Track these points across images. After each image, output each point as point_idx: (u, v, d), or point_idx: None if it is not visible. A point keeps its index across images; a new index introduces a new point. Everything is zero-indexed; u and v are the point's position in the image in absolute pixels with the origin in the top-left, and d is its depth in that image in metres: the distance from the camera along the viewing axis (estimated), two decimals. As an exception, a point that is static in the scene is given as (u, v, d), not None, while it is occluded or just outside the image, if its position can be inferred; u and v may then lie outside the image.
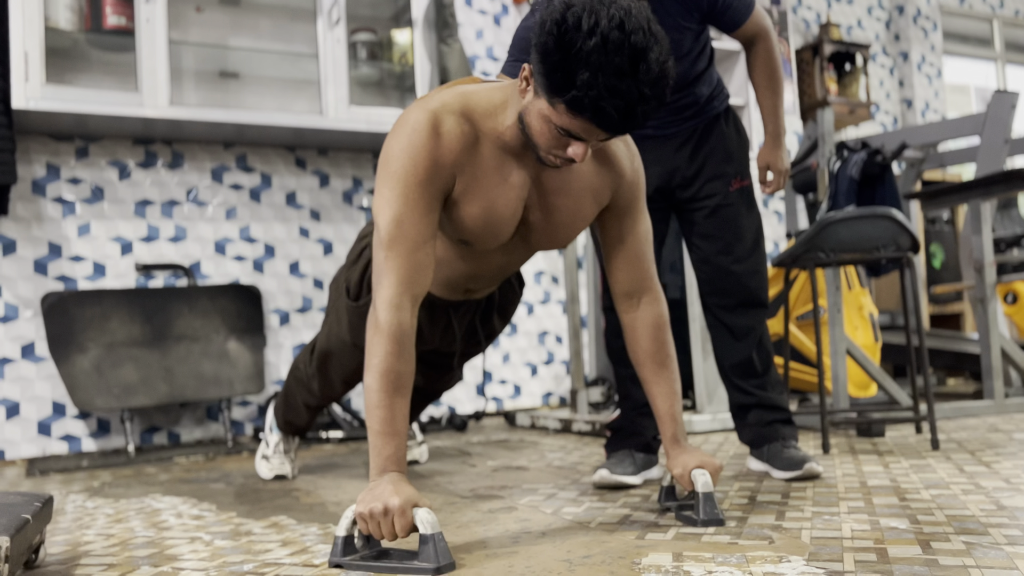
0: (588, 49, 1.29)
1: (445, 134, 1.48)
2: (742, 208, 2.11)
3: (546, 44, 1.34)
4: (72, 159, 3.39)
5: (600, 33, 1.30)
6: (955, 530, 1.43)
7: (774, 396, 2.14)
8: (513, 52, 1.95)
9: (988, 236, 3.24)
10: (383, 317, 1.44)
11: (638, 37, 1.31)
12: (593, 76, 1.30)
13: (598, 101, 1.32)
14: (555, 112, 1.38)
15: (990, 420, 3.00)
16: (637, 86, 1.31)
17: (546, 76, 1.35)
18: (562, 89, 1.34)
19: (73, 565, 1.53)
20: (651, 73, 1.32)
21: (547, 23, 1.35)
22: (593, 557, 1.38)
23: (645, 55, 1.31)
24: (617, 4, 1.34)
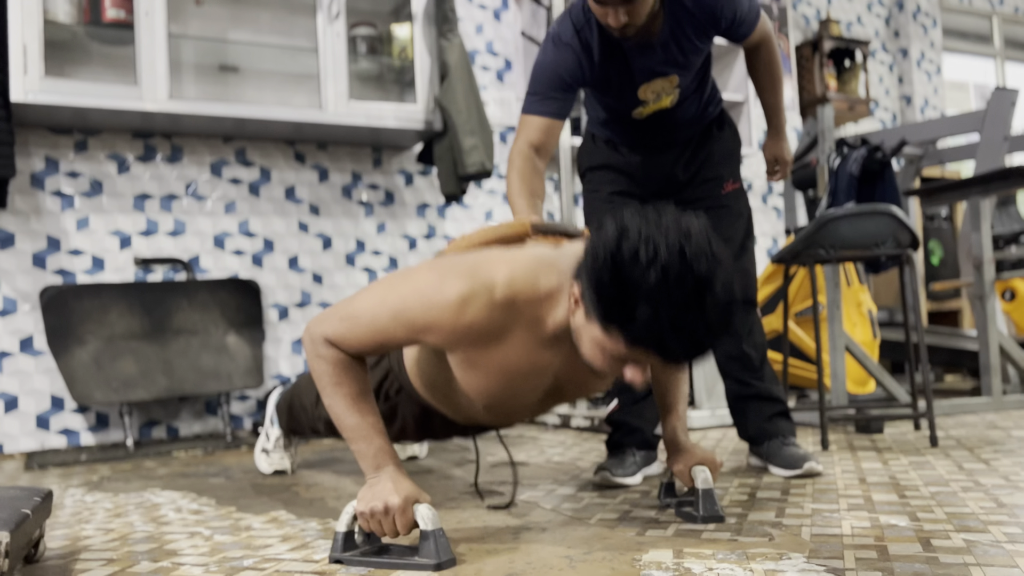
0: (648, 285, 1.17)
1: (468, 317, 1.35)
2: (733, 210, 2.14)
3: (600, 277, 1.21)
4: (71, 152, 3.38)
5: (660, 265, 1.17)
6: (955, 528, 1.43)
7: (770, 387, 2.15)
8: (538, 90, 1.90)
9: (987, 233, 3.24)
10: (321, 351, 1.43)
11: (701, 265, 1.18)
12: (655, 313, 1.18)
13: (661, 338, 1.20)
14: (611, 341, 1.25)
15: (988, 417, 3.00)
16: (704, 318, 1.19)
17: (601, 308, 1.23)
18: (620, 323, 1.22)
19: (72, 560, 1.53)
20: (718, 303, 1.19)
21: (600, 254, 1.22)
22: (593, 554, 1.38)
23: (711, 284, 1.18)
24: (676, 227, 1.21)
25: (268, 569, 1.39)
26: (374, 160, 3.97)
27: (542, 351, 1.42)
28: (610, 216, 1.26)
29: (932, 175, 5.20)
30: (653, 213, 1.24)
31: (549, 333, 1.40)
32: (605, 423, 2.21)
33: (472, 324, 1.35)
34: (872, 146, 2.86)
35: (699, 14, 1.89)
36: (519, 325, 1.39)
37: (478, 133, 3.63)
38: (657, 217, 1.23)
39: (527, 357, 1.42)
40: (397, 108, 3.64)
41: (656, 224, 1.21)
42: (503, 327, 1.38)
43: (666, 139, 2.09)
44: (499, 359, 1.41)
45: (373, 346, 1.43)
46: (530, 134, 1.90)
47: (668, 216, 1.23)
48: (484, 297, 1.35)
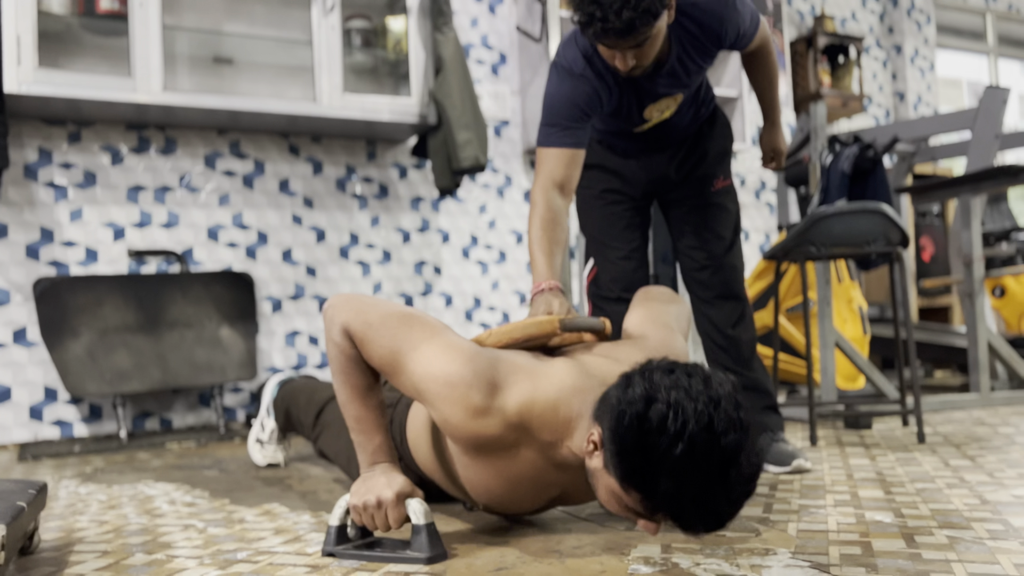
0: (673, 458, 1.14)
1: (480, 427, 1.34)
2: (723, 207, 2.17)
3: (624, 440, 1.18)
4: (64, 143, 3.38)
5: (687, 437, 1.13)
6: (939, 524, 1.46)
7: (759, 377, 2.17)
8: (555, 122, 1.86)
9: (977, 231, 3.27)
10: (338, 339, 1.45)
11: (729, 439, 1.14)
12: (677, 488, 1.15)
13: (682, 513, 1.17)
14: (628, 497, 1.22)
15: (976, 414, 3.03)
16: (726, 492, 1.15)
17: (622, 470, 1.20)
18: (640, 489, 1.19)
19: (67, 552, 1.54)
20: (742, 477, 1.16)
21: (627, 415, 1.19)
22: (583, 548, 1.40)
23: (736, 459, 1.15)
24: (705, 395, 1.17)
25: (261, 562, 1.41)
26: (368, 153, 3.97)
27: (551, 470, 1.41)
28: (639, 372, 1.23)
29: (924, 171, 5.22)
30: (683, 375, 1.20)
31: (561, 458, 1.38)
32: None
33: (481, 434, 1.34)
34: (864, 144, 2.88)
35: (703, 37, 1.89)
36: (531, 445, 1.37)
37: (472, 127, 3.64)
38: (687, 380, 1.18)
39: (534, 473, 1.40)
40: (392, 101, 3.65)
41: (686, 390, 1.17)
42: (515, 443, 1.36)
43: (661, 144, 2.10)
44: (504, 468, 1.39)
45: (381, 371, 1.44)
46: (553, 170, 1.85)
47: (697, 380, 1.19)
48: (499, 416, 1.33)
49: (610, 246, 2.18)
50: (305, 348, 3.77)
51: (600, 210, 2.18)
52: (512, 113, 4.33)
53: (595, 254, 2.20)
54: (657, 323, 1.69)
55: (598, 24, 1.66)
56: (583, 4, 1.66)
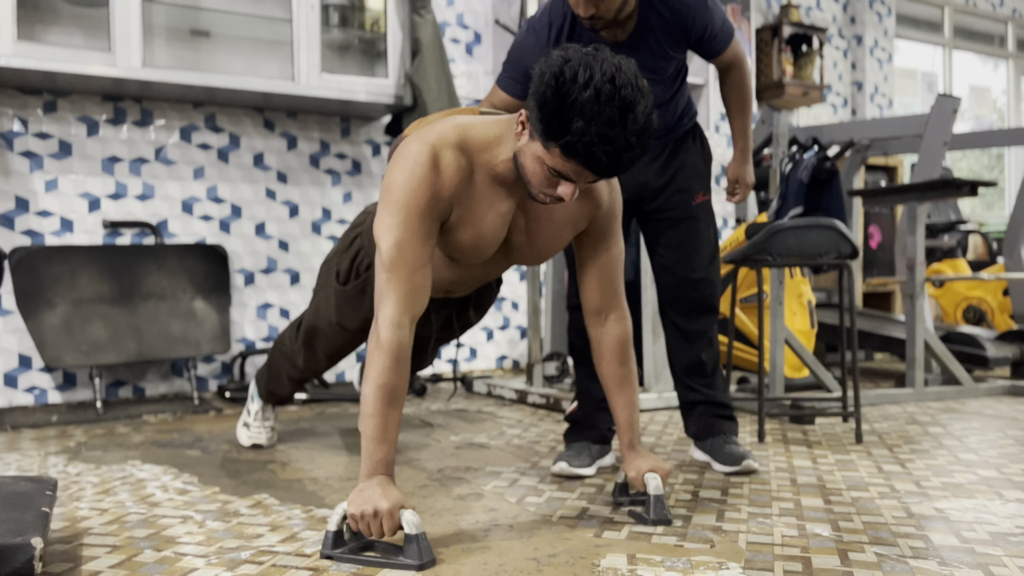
0: (583, 100, 1.44)
1: (444, 168, 1.61)
2: (702, 221, 2.28)
3: (544, 94, 1.48)
4: (40, 112, 3.39)
5: (594, 86, 1.44)
6: (869, 539, 1.65)
7: (719, 395, 2.34)
8: (508, 69, 2.13)
9: (921, 236, 3.48)
10: (384, 335, 1.57)
11: (627, 91, 1.46)
12: (586, 124, 1.44)
13: (590, 147, 1.46)
14: (549, 155, 1.52)
15: (910, 409, 3.27)
16: (625, 135, 1.46)
17: (543, 122, 1.49)
18: (557, 135, 1.48)
19: (77, 545, 1.66)
20: (638, 123, 1.47)
21: (546, 74, 1.49)
22: (558, 556, 1.56)
23: (633, 107, 1.47)
24: (609, 60, 1.49)
25: (265, 563, 1.55)
26: (342, 130, 4.03)
27: (500, 195, 1.69)
28: (557, 48, 1.54)
29: (876, 163, 5.44)
30: (592, 49, 1.51)
31: (502, 175, 1.66)
32: (565, 420, 2.39)
33: (448, 173, 1.61)
34: (822, 155, 3.05)
35: (671, 22, 2.05)
36: (478, 171, 1.65)
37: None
38: (595, 51, 1.51)
39: (488, 203, 1.68)
40: (368, 82, 3.71)
41: (593, 56, 1.49)
42: (469, 172, 1.64)
43: None
44: (472, 207, 1.67)
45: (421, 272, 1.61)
46: (494, 100, 2.18)
47: (604, 52, 1.51)
48: (445, 145, 1.61)
49: None
50: (277, 321, 3.86)
51: None
52: (485, 93, 4.40)
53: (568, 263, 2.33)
54: None
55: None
56: None
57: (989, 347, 4.08)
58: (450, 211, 1.67)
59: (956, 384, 3.63)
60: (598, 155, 1.47)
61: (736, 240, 3.76)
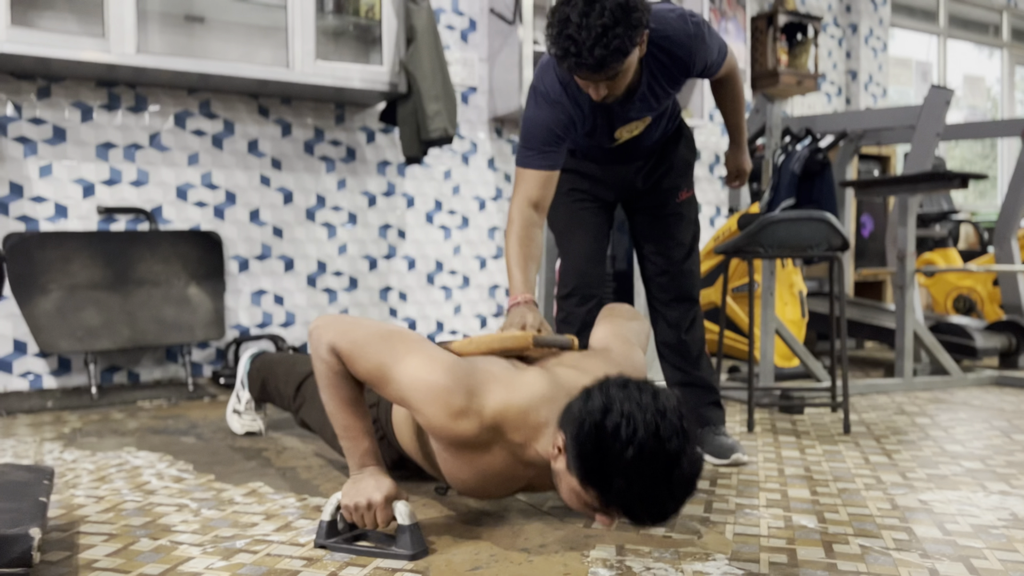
0: (626, 460, 1.32)
1: (459, 428, 1.51)
2: (685, 217, 2.35)
3: (584, 445, 1.37)
4: (34, 98, 3.38)
5: (637, 442, 1.32)
6: (854, 531, 1.68)
7: (705, 376, 2.38)
8: (533, 145, 2.01)
9: (912, 228, 3.50)
10: (326, 356, 1.59)
11: (672, 444, 1.33)
12: (628, 485, 1.33)
13: (631, 506, 1.37)
14: (587, 495, 1.41)
15: (898, 399, 3.31)
16: (670, 491, 1.35)
17: (581, 469, 1.38)
18: (597, 487, 1.38)
19: (74, 533, 1.68)
20: (683, 478, 1.35)
21: (586, 423, 1.36)
22: (548, 546, 1.59)
23: (678, 462, 1.34)
24: (653, 407, 1.35)
25: (260, 552, 1.57)
26: (337, 116, 4.03)
27: (519, 467, 1.59)
28: (598, 387, 1.41)
29: (869, 152, 5.45)
30: (635, 390, 1.38)
31: (528, 458, 1.56)
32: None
33: (460, 435, 1.51)
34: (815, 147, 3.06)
35: (673, 67, 2.02)
36: (503, 445, 1.55)
37: (442, 99, 3.73)
38: (638, 394, 1.37)
39: (504, 468, 1.58)
40: (363, 69, 3.70)
41: (637, 402, 1.35)
42: (488, 442, 1.54)
43: (630, 156, 2.25)
44: (478, 462, 1.57)
45: (369, 383, 1.59)
46: (529, 190, 2.01)
47: (647, 394, 1.37)
48: (476, 419, 1.50)
49: (573, 239, 2.33)
50: (271, 307, 3.88)
51: (566, 206, 2.33)
52: (480, 80, 4.41)
53: (559, 247, 2.36)
54: (620, 337, 1.87)
55: (572, 59, 1.80)
56: (559, 39, 1.79)
57: (978, 337, 4.12)
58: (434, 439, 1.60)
59: (945, 374, 3.67)
60: (639, 514, 1.38)
61: (728, 230, 3.79)
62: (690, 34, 2.00)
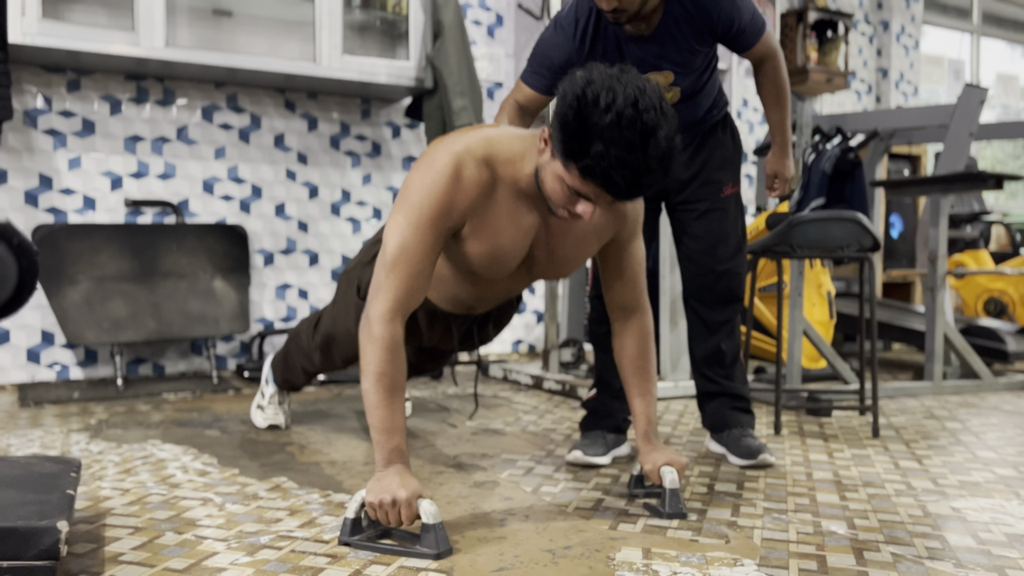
0: (603, 124, 1.42)
1: (465, 179, 1.61)
2: (730, 213, 2.28)
3: (565, 115, 1.47)
4: (64, 91, 3.41)
5: (615, 109, 1.42)
6: (885, 538, 1.65)
7: (738, 386, 2.34)
8: (532, 64, 2.14)
9: (943, 229, 3.44)
10: (377, 329, 1.59)
11: (649, 115, 1.43)
12: (606, 148, 1.43)
13: (608, 171, 1.45)
14: (568, 174, 1.51)
15: (927, 403, 3.26)
16: (645, 159, 1.44)
17: (563, 143, 1.48)
18: (577, 156, 1.47)
19: (100, 526, 1.69)
20: (659, 149, 1.45)
21: (568, 95, 1.48)
22: (573, 548, 1.57)
23: (655, 132, 1.44)
24: (632, 83, 1.46)
25: (284, 548, 1.57)
26: (363, 111, 4.03)
27: (522, 210, 1.68)
28: (581, 68, 1.52)
29: (900, 152, 5.38)
30: (616, 70, 1.49)
31: (525, 190, 1.65)
32: (582, 407, 2.40)
33: (469, 185, 1.61)
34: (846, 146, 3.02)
35: (696, 15, 2.02)
36: (501, 185, 1.65)
37: (468, 94, 3.71)
38: (619, 73, 1.48)
39: (510, 217, 1.68)
40: (389, 64, 3.70)
41: (617, 78, 1.46)
42: (491, 186, 1.64)
43: None
44: (491, 220, 1.66)
45: (420, 277, 1.62)
46: (519, 96, 2.20)
47: (629, 74, 1.48)
48: (469, 158, 1.61)
49: None
50: (295, 301, 3.89)
51: None
52: (506, 76, 4.39)
53: None
54: None
55: None
56: None
57: (1010, 341, 4.04)
58: (463, 223, 1.66)
59: (975, 378, 3.61)
60: (616, 179, 1.46)
61: (756, 228, 3.74)
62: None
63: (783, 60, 2.20)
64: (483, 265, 1.74)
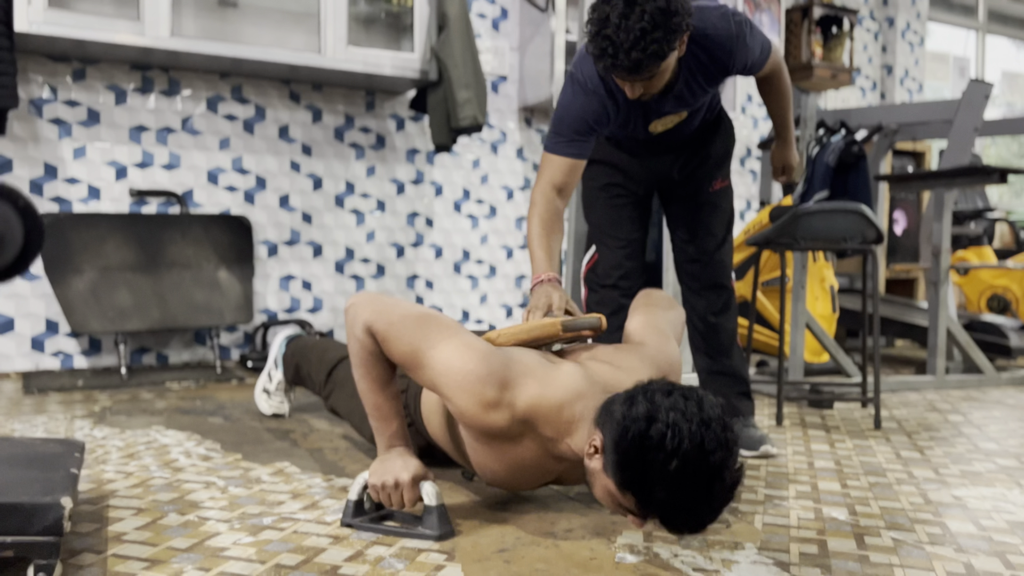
0: (669, 472, 1.28)
1: (489, 419, 1.49)
2: (719, 207, 2.32)
3: (627, 452, 1.33)
4: (69, 80, 3.41)
5: (682, 455, 1.28)
6: (886, 524, 1.65)
7: (738, 367, 2.35)
8: (563, 132, 2.00)
9: (947, 224, 3.44)
10: (361, 335, 1.58)
11: (716, 457, 1.29)
12: (669, 497, 1.30)
13: (671, 517, 1.33)
14: (624, 499, 1.38)
15: (930, 396, 3.26)
16: (710, 503, 1.32)
17: (622, 477, 1.35)
18: (636, 495, 1.34)
19: (103, 507, 1.70)
20: (724, 490, 1.31)
21: (630, 431, 1.33)
22: (574, 531, 1.58)
23: (721, 474, 1.30)
24: (699, 417, 1.31)
25: (287, 529, 1.57)
26: (367, 103, 4.03)
27: (550, 461, 1.57)
28: (642, 392, 1.38)
29: (904, 148, 5.37)
30: (680, 397, 1.34)
31: (560, 452, 1.54)
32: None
33: (491, 425, 1.49)
34: (850, 139, 3.02)
35: (712, 66, 1.98)
36: (534, 439, 1.53)
37: (472, 87, 3.72)
38: (683, 403, 1.33)
39: (535, 461, 1.56)
40: (394, 56, 3.70)
41: (682, 411, 1.31)
42: (520, 435, 1.52)
43: (666, 147, 2.23)
44: (508, 454, 1.55)
45: (402, 366, 1.58)
46: (554, 175, 1.99)
47: (692, 403, 1.33)
48: (508, 411, 1.48)
49: (611, 236, 2.32)
50: (298, 292, 3.89)
51: (603, 203, 2.32)
52: (511, 69, 4.39)
53: (596, 243, 2.34)
54: (655, 329, 1.84)
55: (608, 59, 1.77)
56: (596, 39, 1.76)
57: (1012, 336, 4.04)
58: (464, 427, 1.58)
59: (978, 373, 3.60)
60: (677, 524, 1.34)
61: (760, 222, 3.74)
62: (731, 34, 1.95)
63: (785, 67, 2.20)
64: (497, 483, 1.66)
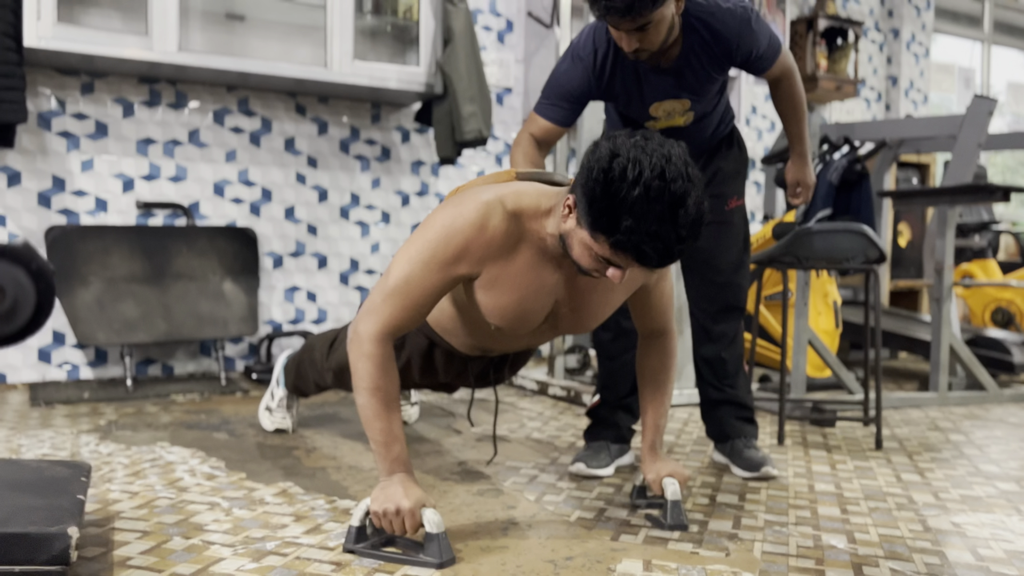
0: (632, 198, 1.40)
1: (490, 228, 1.59)
2: (734, 226, 2.29)
3: (593, 190, 1.44)
4: (77, 93, 3.44)
5: (643, 183, 1.39)
6: (885, 554, 1.66)
7: (741, 395, 2.36)
8: (549, 95, 2.11)
9: (951, 240, 3.45)
10: (368, 348, 1.60)
11: (677, 185, 1.41)
12: (636, 223, 1.40)
13: (640, 245, 1.43)
14: (597, 244, 1.49)
15: (932, 414, 3.27)
16: (675, 230, 1.42)
17: (591, 216, 1.46)
18: (606, 231, 1.45)
19: (109, 529, 1.72)
20: (688, 217, 1.42)
21: (594, 169, 1.45)
22: (575, 559, 1.59)
23: (684, 201, 1.41)
24: (659, 151, 1.43)
25: (290, 555, 1.59)
26: (372, 116, 4.05)
27: (546, 268, 1.67)
28: (604, 137, 1.50)
29: (908, 160, 5.38)
30: (641, 138, 1.46)
31: (550, 248, 1.64)
32: (586, 415, 2.41)
33: (494, 236, 1.59)
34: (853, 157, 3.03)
35: (715, 46, 2.02)
36: (526, 241, 1.64)
37: (477, 100, 3.73)
38: (644, 141, 1.45)
39: (535, 274, 1.66)
40: (400, 70, 3.72)
41: (642, 148, 1.44)
42: (516, 240, 1.63)
43: None
44: (514, 274, 1.65)
45: (417, 311, 1.62)
46: (534, 130, 2.15)
47: (654, 141, 1.46)
48: (499, 209, 1.60)
49: None
50: (303, 304, 3.91)
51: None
52: (515, 81, 4.41)
53: None
54: None
55: (602, 1, 1.83)
56: None
57: (1016, 352, 4.04)
58: (479, 272, 1.65)
59: (981, 389, 3.61)
60: (648, 252, 1.44)
61: (763, 236, 3.75)
62: (735, 15, 2.00)
63: (799, 75, 2.20)
64: (506, 320, 1.72)
